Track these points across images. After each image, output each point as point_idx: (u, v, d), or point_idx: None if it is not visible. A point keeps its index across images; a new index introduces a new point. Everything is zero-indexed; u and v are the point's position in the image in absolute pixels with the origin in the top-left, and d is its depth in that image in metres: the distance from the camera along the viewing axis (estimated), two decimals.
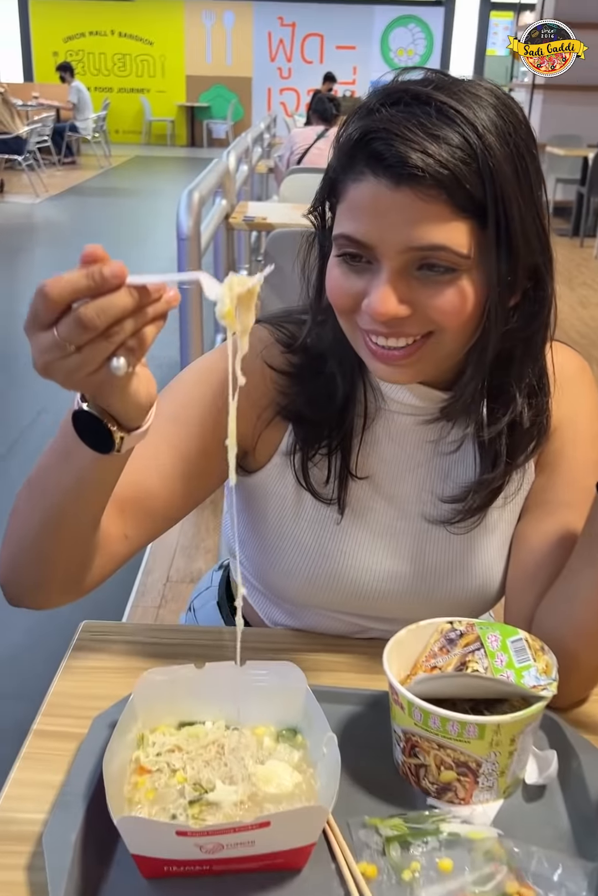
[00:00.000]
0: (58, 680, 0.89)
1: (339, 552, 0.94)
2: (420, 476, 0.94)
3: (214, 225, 3.24)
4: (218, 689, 0.77)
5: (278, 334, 0.92)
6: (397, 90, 0.76)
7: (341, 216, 0.79)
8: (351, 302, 0.80)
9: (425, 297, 0.76)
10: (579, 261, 7.39)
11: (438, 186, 0.72)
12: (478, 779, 0.73)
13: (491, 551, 0.96)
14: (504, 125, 0.76)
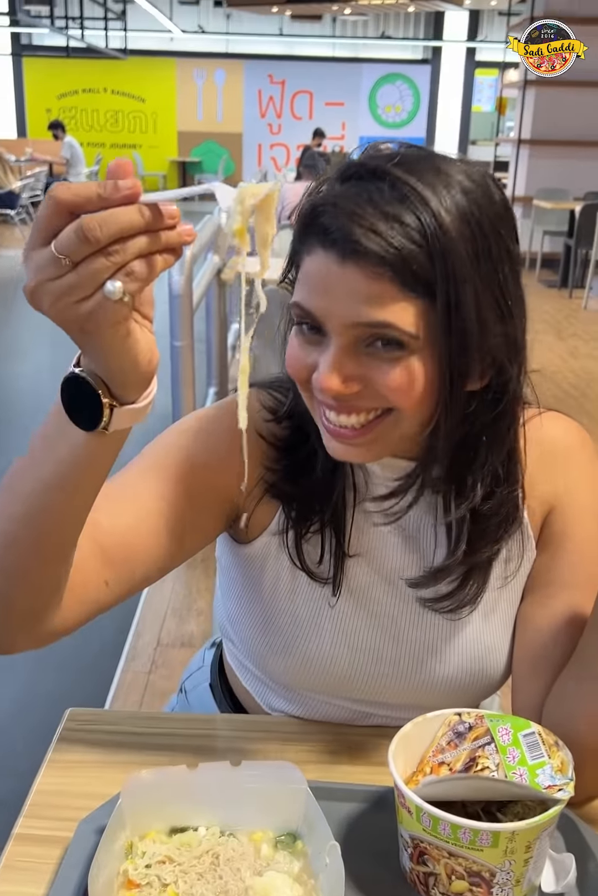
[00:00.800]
0: (41, 776, 0.84)
1: (335, 631, 0.90)
2: (406, 556, 0.90)
3: (206, 281, 3.23)
4: (212, 791, 0.72)
5: (266, 401, 0.89)
6: (355, 164, 0.74)
7: (298, 285, 0.77)
8: (306, 373, 0.77)
9: (374, 373, 0.74)
10: (568, 312, 7.45)
11: (383, 265, 0.70)
12: (492, 889, 0.68)
13: (491, 633, 0.91)
14: (469, 206, 0.72)
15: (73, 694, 2.16)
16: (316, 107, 15.63)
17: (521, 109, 9.11)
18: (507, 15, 9.92)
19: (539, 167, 9.05)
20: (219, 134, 15.85)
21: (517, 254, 0.77)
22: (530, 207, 8.91)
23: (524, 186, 9.14)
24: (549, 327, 6.76)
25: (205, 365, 3.91)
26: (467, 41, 15.11)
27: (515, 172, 9.30)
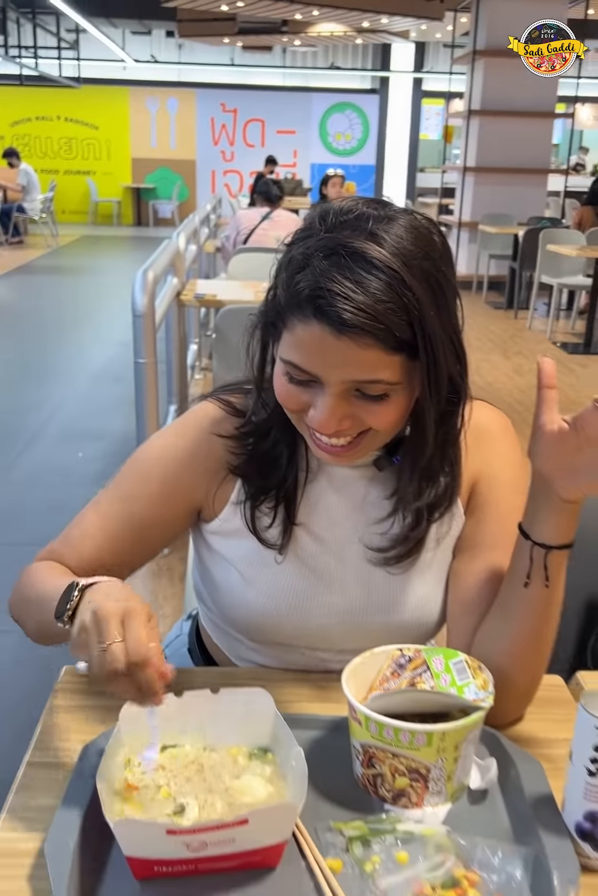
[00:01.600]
0: (43, 718, 0.97)
1: (286, 589, 1.05)
2: (357, 523, 1.06)
3: (166, 302, 3.37)
4: (195, 714, 0.86)
5: (226, 406, 1.06)
6: (334, 245, 0.85)
7: (289, 343, 0.89)
8: (299, 407, 0.93)
9: (362, 413, 0.91)
10: (513, 332, 7.74)
11: (372, 337, 0.84)
12: (428, 783, 0.83)
13: (426, 588, 1.07)
14: (428, 265, 0.87)
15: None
16: (268, 134, 15.92)
17: (466, 138, 9.46)
18: (451, 47, 10.30)
19: (484, 193, 9.38)
20: (173, 160, 16.05)
21: (456, 286, 0.94)
22: (476, 232, 9.23)
23: (470, 212, 9.46)
24: (495, 346, 7.03)
25: (165, 383, 4.05)
26: (414, 72, 15.56)
27: (461, 198, 9.62)
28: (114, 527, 1.05)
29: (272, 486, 1.03)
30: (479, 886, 0.75)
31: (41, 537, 1.12)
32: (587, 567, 1.52)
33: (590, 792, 0.77)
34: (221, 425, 1.05)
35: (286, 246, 0.93)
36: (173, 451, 1.06)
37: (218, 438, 1.04)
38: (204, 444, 1.05)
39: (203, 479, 1.05)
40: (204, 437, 1.05)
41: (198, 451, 1.05)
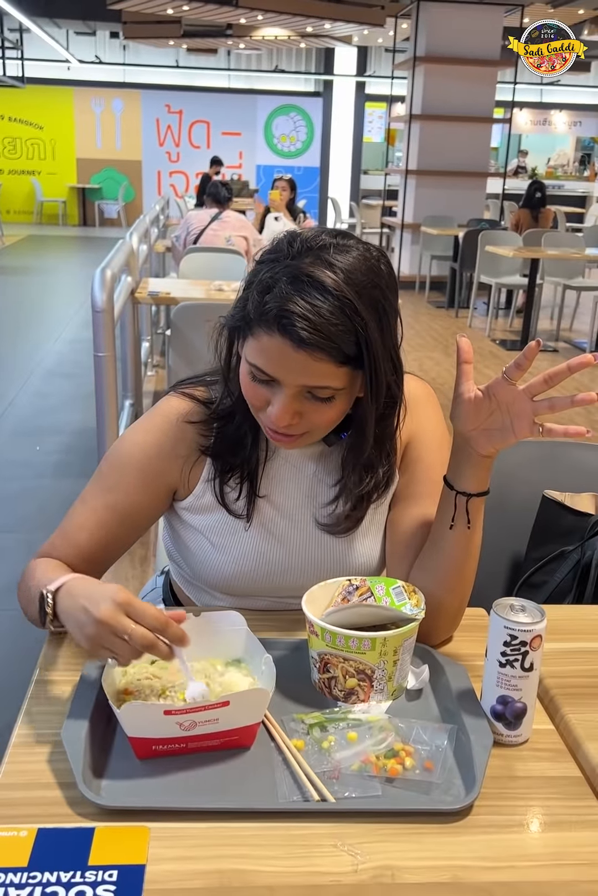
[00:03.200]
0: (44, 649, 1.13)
1: (251, 551, 1.24)
2: (308, 494, 1.25)
3: (122, 300, 3.52)
4: None
5: (190, 399, 1.22)
6: (298, 273, 1.01)
7: (255, 349, 1.05)
8: (260, 403, 1.10)
9: (310, 411, 1.08)
10: (454, 329, 8.04)
11: (325, 353, 1.01)
12: (373, 682, 1.02)
13: (367, 546, 1.27)
14: (377, 293, 1.04)
15: None
16: (213, 136, 16.04)
17: (407, 141, 9.72)
18: (392, 52, 10.56)
19: (426, 196, 9.65)
20: (118, 161, 16.05)
21: (398, 310, 1.11)
22: (418, 234, 9.51)
23: (413, 214, 9.72)
24: (437, 344, 7.31)
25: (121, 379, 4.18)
26: (357, 75, 15.84)
27: (404, 201, 9.88)
28: (101, 517, 1.19)
29: (238, 463, 1.21)
30: (413, 755, 0.94)
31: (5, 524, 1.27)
32: (511, 530, 1.74)
33: (501, 680, 0.97)
34: (189, 414, 1.20)
35: (257, 264, 1.10)
36: (145, 444, 1.20)
37: (188, 425, 1.20)
38: (173, 433, 1.20)
39: (176, 464, 1.21)
40: (173, 426, 1.20)
41: (168, 440, 1.20)
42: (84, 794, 0.85)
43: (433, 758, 0.94)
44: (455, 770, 0.93)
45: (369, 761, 0.93)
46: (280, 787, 0.89)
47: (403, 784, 0.91)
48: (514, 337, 7.74)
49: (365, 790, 0.89)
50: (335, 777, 0.91)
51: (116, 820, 0.84)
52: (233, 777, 0.91)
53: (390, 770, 0.92)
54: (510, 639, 0.96)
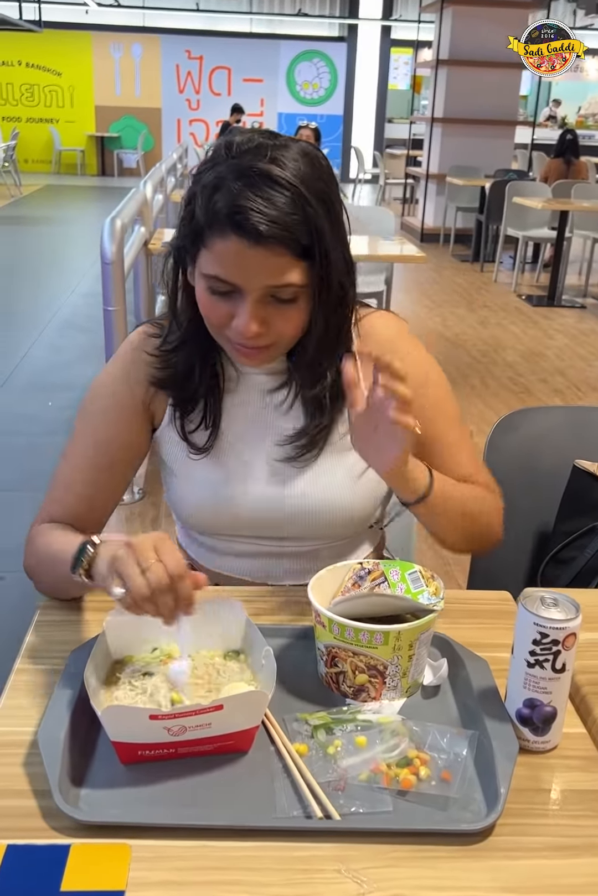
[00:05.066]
0: (30, 633, 1.04)
1: (213, 482, 1.18)
2: (263, 423, 1.19)
3: (134, 251, 3.39)
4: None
5: (154, 327, 1.18)
6: (244, 168, 0.98)
7: (210, 260, 1.01)
8: (221, 320, 1.05)
9: (276, 317, 1.04)
10: (479, 285, 7.83)
11: (282, 245, 0.98)
12: (385, 679, 0.92)
13: (332, 485, 1.18)
14: (321, 184, 1.01)
15: None
16: (234, 83, 15.69)
17: (434, 88, 9.43)
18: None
19: (452, 145, 9.38)
20: (137, 109, 15.77)
21: (343, 206, 1.07)
22: (443, 184, 9.25)
23: (438, 164, 9.46)
24: (461, 299, 7.12)
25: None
26: (382, 19, 15.39)
27: (429, 150, 9.61)
28: (86, 467, 1.17)
29: (191, 395, 1.16)
30: (429, 764, 0.84)
31: (13, 481, 1.19)
32: (539, 500, 1.63)
33: (529, 681, 0.87)
34: (148, 344, 1.17)
35: (194, 176, 1.05)
36: (113, 374, 1.19)
37: (145, 356, 1.17)
38: (134, 362, 1.17)
39: (139, 393, 1.17)
40: (134, 355, 1.18)
41: (130, 369, 1.18)
42: (60, 806, 0.76)
43: (451, 768, 0.84)
44: (476, 782, 0.83)
45: (379, 770, 0.83)
46: (279, 800, 0.80)
47: (416, 798, 0.81)
48: (540, 292, 7.52)
49: (374, 805, 0.80)
50: (341, 788, 0.82)
51: (94, 835, 0.75)
52: (227, 787, 0.81)
53: (402, 781, 0.82)
54: (541, 637, 0.85)
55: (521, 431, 1.66)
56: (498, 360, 5.39)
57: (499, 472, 1.39)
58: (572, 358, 5.53)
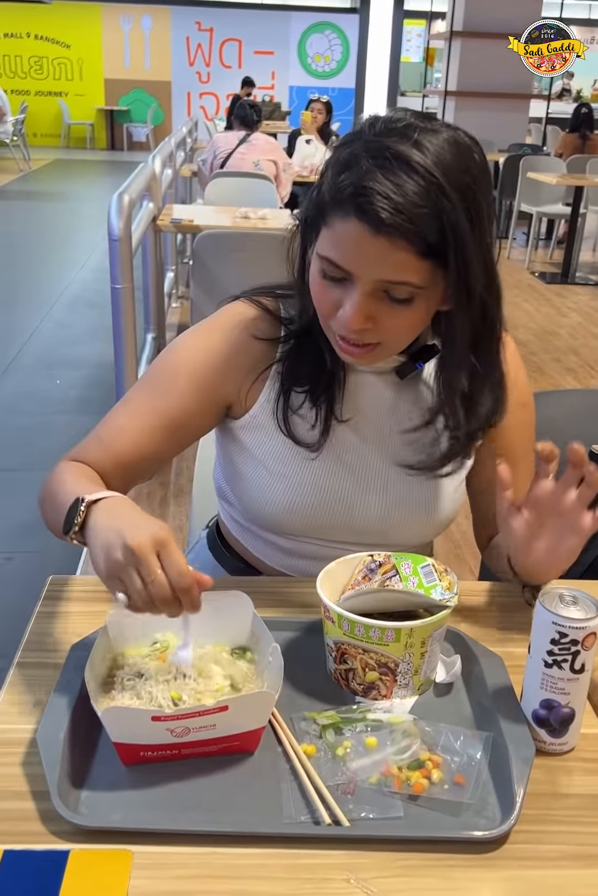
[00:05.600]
0: (32, 624, 1.01)
1: (314, 482, 1.11)
2: (387, 425, 1.12)
3: (142, 227, 3.34)
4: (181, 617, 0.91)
5: (259, 307, 1.10)
6: (381, 148, 0.89)
7: (327, 239, 0.94)
8: (330, 308, 0.98)
9: (385, 315, 0.95)
10: None
11: (406, 239, 0.89)
12: (397, 677, 0.89)
13: (443, 494, 1.14)
14: (467, 179, 0.91)
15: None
16: (245, 55, 15.48)
17: (447, 61, 9.28)
18: None
19: (465, 119, 9.23)
20: (147, 82, 15.59)
21: (494, 209, 0.98)
22: None
23: None
24: None
25: (142, 311, 4.03)
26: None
27: None
28: (145, 422, 1.08)
29: (311, 386, 1.08)
30: (442, 767, 0.81)
31: (22, 463, 1.16)
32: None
33: (546, 682, 0.83)
34: (257, 325, 1.09)
35: (335, 149, 0.97)
36: (204, 348, 1.09)
37: (255, 340, 1.08)
38: (237, 341, 1.08)
39: (236, 376, 1.09)
40: (238, 334, 1.09)
41: (230, 348, 1.09)
42: (59, 811, 0.73)
43: (465, 771, 0.81)
44: (490, 786, 0.80)
45: (389, 773, 0.80)
46: (286, 804, 0.77)
47: (428, 803, 0.78)
48: (554, 269, 7.42)
49: (384, 810, 0.77)
50: (350, 792, 0.79)
51: (95, 840, 0.73)
52: (232, 790, 0.79)
53: (414, 785, 0.79)
54: (559, 636, 0.81)
55: (537, 414, 1.62)
56: (512, 338, 5.33)
57: None
58: (585, 336, 5.46)
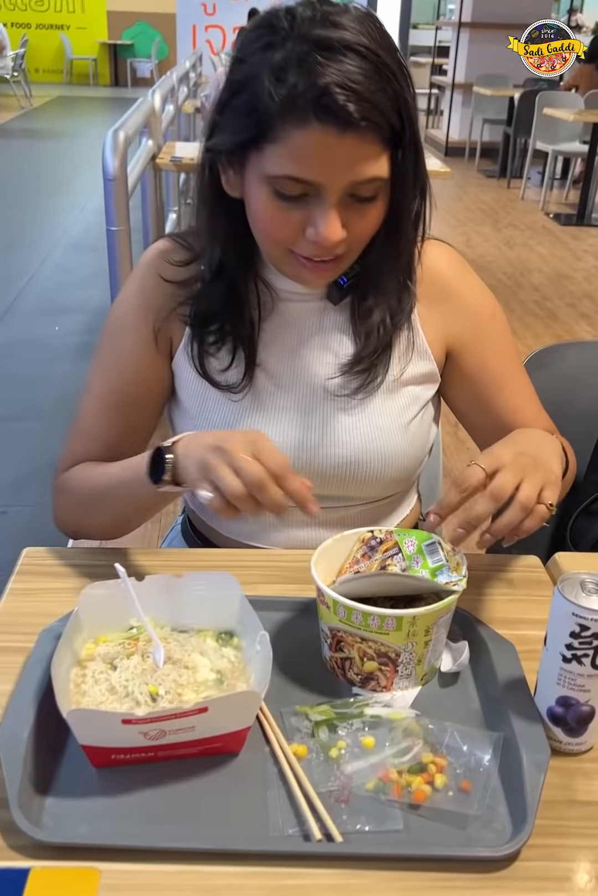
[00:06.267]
0: (3, 602, 0.93)
1: (240, 427, 1.03)
2: (313, 355, 1.04)
3: (140, 166, 3.20)
4: (159, 599, 0.83)
5: (179, 240, 1.04)
6: (321, 40, 0.81)
7: (280, 156, 0.84)
8: (291, 232, 0.89)
9: (354, 220, 0.89)
10: (505, 202, 7.51)
11: (375, 129, 0.83)
12: (397, 667, 0.81)
13: (384, 421, 1.04)
14: (397, 54, 0.86)
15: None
16: None
17: None
18: None
19: (480, 52, 8.92)
20: (151, 14, 15.11)
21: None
22: (470, 95, 8.83)
23: (465, 72, 9.03)
24: (487, 217, 6.83)
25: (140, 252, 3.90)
26: None
27: (455, 57, 9.17)
28: (114, 400, 1.05)
29: (226, 328, 1.01)
30: (446, 771, 0.73)
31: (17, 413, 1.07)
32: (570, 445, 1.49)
33: (564, 678, 0.75)
34: (169, 264, 1.02)
35: (241, 57, 0.87)
36: (126, 305, 1.06)
37: (165, 278, 1.02)
38: (151, 281, 1.03)
39: (153, 320, 1.04)
40: (151, 275, 1.03)
41: (145, 289, 1.04)
42: (20, 825, 0.65)
43: (472, 777, 0.73)
44: (500, 793, 0.72)
45: (388, 778, 0.72)
46: (273, 815, 0.69)
47: (431, 814, 0.70)
48: (569, 210, 7.20)
49: (382, 822, 0.69)
50: (344, 800, 0.71)
51: (59, 857, 0.65)
52: (213, 797, 0.71)
53: (414, 792, 0.71)
54: (580, 629, 0.73)
55: (551, 370, 1.51)
56: (524, 283, 5.17)
57: None
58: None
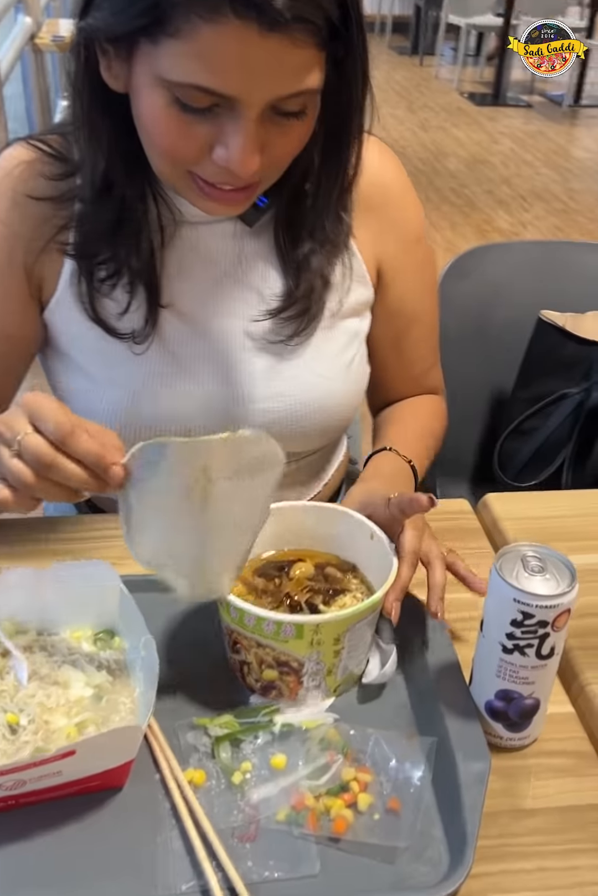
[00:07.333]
0: None
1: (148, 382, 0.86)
2: (233, 292, 0.87)
3: (16, 47, 2.85)
4: (18, 598, 0.68)
5: (43, 147, 0.82)
6: None
7: (182, 58, 0.65)
8: (191, 153, 0.71)
9: (274, 139, 0.71)
10: (418, 81, 7.24)
11: (310, 29, 0.65)
12: (302, 678, 0.67)
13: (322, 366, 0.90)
14: None
15: None
16: None
17: None
18: None
19: None
20: None
21: None
22: None
23: None
24: (401, 99, 6.57)
25: None
26: None
27: None
28: None
29: (120, 257, 0.82)
30: (371, 788, 0.62)
31: None
32: (494, 362, 1.37)
33: (504, 670, 0.64)
34: (36, 181, 0.82)
35: None
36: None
37: (32, 201, 0.82)
38: (15, 203, 0.83)
39: (26, 252, 0.84)
40: (13, 195, 0.83)
41: (7, 213, 0.83)
42: None
43: (401, 794, 0.62)
44: (434, 812, 0.61)
45: (303, 805, 0.61)
46: (162, 868, 0.57)
47: (354, 848, 0.59)
48: (484, 90, 7.00)
49: (295, 866, 0.58)
50: (250, 838, 0.59)
51: None
52: (89, 846, 0.58)
53: (334, 821, 0.60)
54: (523, 617, 0.61)
55: (474, 277, 1.38)
56: (440, 169, 5.01)
57: (447, 329, 1.13)
58: (518, 164, 5.18)
